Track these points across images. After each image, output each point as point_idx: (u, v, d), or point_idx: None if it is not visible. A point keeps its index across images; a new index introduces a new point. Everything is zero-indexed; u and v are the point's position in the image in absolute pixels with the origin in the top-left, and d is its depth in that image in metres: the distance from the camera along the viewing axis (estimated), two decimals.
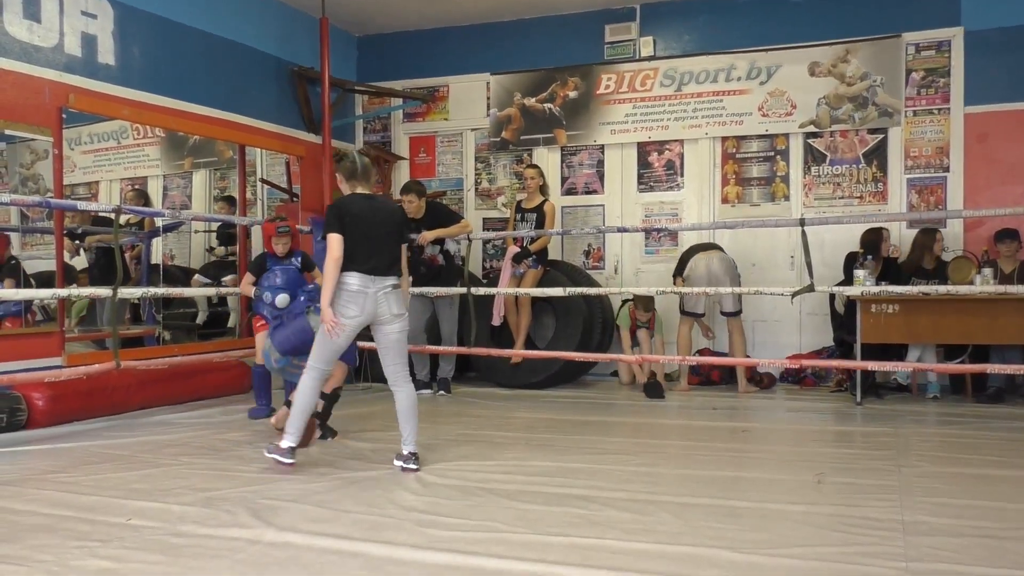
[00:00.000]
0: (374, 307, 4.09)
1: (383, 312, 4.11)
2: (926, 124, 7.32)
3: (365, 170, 4.29)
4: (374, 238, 4.12)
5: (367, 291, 4.06)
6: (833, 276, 6.86)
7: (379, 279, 4.09)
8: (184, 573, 2.72)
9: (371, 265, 4.08)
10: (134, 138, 7.73)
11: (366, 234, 4.09)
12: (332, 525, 3.20)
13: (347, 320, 4.06)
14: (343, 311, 4.06)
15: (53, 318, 5.95)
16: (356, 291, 4.05)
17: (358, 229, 4.08)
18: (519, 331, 7.24)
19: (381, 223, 4.18)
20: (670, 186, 8.09)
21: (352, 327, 4.10)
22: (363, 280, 4.05)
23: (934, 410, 6.10)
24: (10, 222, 6.10)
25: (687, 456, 4.49)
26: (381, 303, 4.10)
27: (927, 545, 2.91)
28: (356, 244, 4.06)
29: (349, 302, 4.06)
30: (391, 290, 4.14)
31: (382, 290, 4.10)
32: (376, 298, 4.08)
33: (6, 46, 5.54)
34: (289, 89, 8.14)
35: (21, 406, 5.21)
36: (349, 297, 4.05)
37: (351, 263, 4.06)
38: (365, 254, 4.07)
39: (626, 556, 2.83)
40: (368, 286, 4.06)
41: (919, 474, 4.01)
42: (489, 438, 5.01)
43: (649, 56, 8.03)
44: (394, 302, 4.15)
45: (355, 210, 4.14)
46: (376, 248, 4.11)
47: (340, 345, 4.16)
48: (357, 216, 4.11)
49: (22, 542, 3.02)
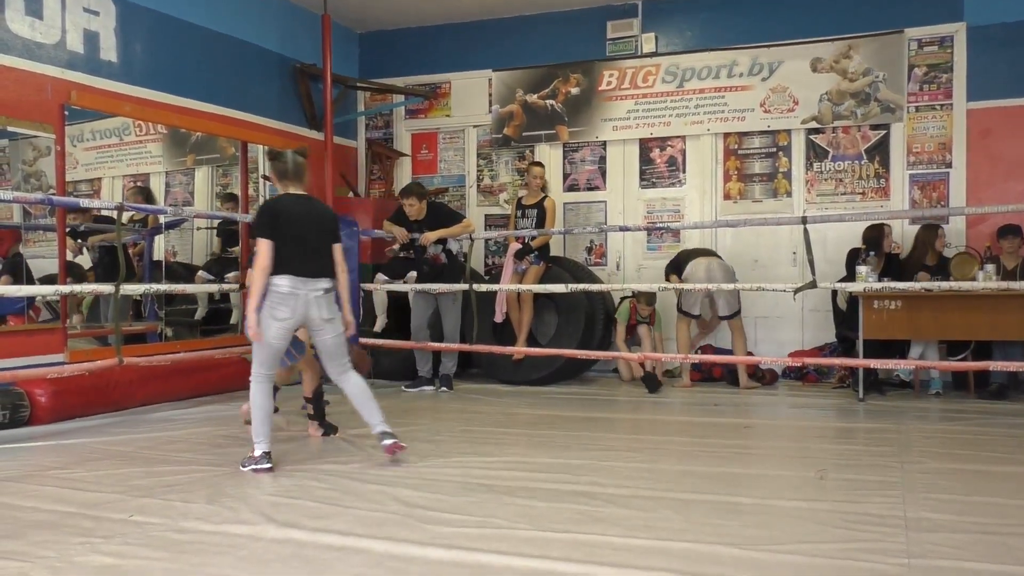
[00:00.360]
0: (305, 309, 4.05)
1: (314, 316, 4.08)
2: (928, 120, 7.31)
3: (298, 170, 4.21)
4: (306, 241, 4.07)
5: (297, 293, 4.02)
6: (835, 272, 6.85)
7: (310, 281, 4.06)
8: (186, 569, 2.72)
9: (302, 268, 4.03)
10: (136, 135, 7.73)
11: (298, 237, 4.05)
12: (334, 521, 3.21)
13: (278, 322, 4.01)
14: (274, 312, 4.01)
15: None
16: (287, 293, 4.01)
17: (289, 232, 4.03)
18: (521, 328, 7.25)
19: (313, 226, 4.14)
20: (672, 182, 8.08)
21: (284, 328, 4.06)
22: (294, 282, 4.01)
23: (937, 406, 6.10)
24: (13, 219, 6.11)
25: (689, 452, 4.49)
26: (312, 306, 4.06)
27: (929, 541, 2.91)
28: (287, 247, 4.01)
29: (280, 304, 4.01)
30: (323, 294, 4.10)
31: (313, 293, 4.06)
32: (307, 301, 4.04)
33: (8, 43, 5.54)
34: (291, 86, 8.14)
35: (24, 402, 5.22)
36: (280, 299, 4.01)
37: (282, 266, 4.01)
38: (296, 257, 4.03)
39: (628, 552, 2.83)
40: (299, 288, 4.02)
41: (922, 470, 4.01)
42: (491, 434, 5.01)
43: (651, 52, 8.01)
44: (325, 306, 4.11)
45: (287, 212, 4.08)
46: (308, 251, 4.07)
47: (277, 348, 4.11)
48: (289, 218, 4.06)
49: (25, 538, 3.03)
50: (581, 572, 2.66)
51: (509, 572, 2.67)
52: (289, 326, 4.08)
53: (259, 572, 2.70)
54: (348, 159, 8.91)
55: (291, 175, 4.20)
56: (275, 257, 4.00)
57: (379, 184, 8.97)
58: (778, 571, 2.67)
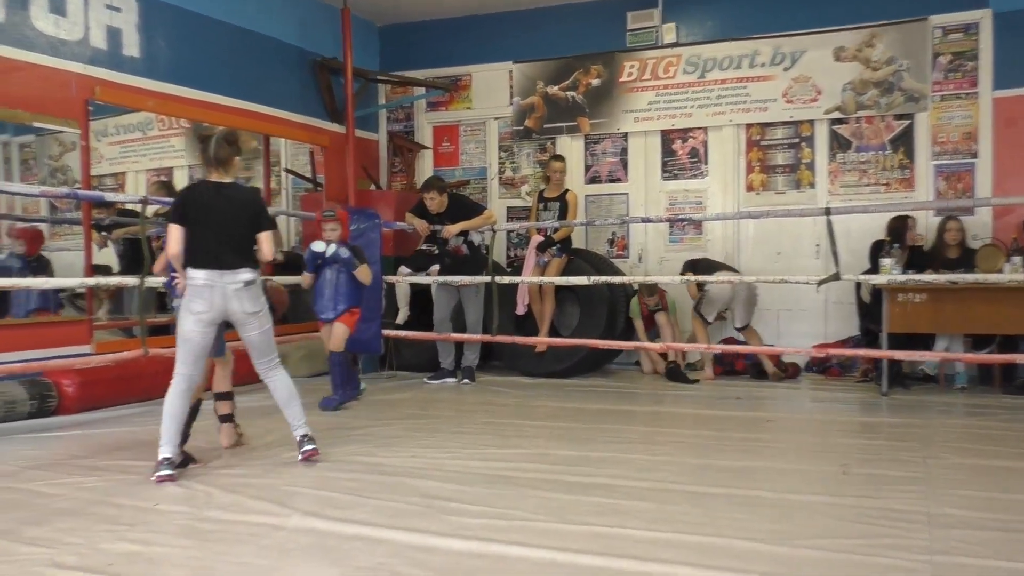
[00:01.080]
0: (223, 302, 3.83)
1: (235, 309, 3.86)
2: (954, 109, 7.21)
3: (219, 155, 3.93)
4: (220, 232, 3.84)
5: (214, 285, 3.81)
6: (859, 264, 6.79)
7: (228, 273, 3.83)
8: (210, 557, 2.76)
9: (217, 260, 3.82)
10: (159, 129, 7.79)
11: (211, 227, 3.83)
12: (356, 511, 3.23)
13: (194, 315, 3.81)
14: (190, 306, 3.82)
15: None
16: (202, 285, 3.81)
17: (202, 221, 3.83)
18: (543, 319, 7.25)
19: (230, 215, 3.89)
20: (694, 174, 8.04)
21: (202, 322, 3.83)
22: (209, 275, 3.81)
23: (961, 401, 6.03)
24: (39, 213, 6.18)
25: (710, 446, 4.48)
26: (231, 299, 3.84)
27: (953, 538, 2.89)
28: (200, 238, 3.82)
29: (195, 296, 3.81)
30: (242, 287, 3.86)
31: (232, 286, 3.83)
32: (225, 294, 3.83)
33: (33, 40, 5.60)
34: (312, 79, 8.17)
35: (51, 392, 5.30)
36: (195, 291, 3.81)
37: (195, 258, 3.82)
38: (211, 249, 3.82)
39: (648, 545, 2.83)
40: (215, 281, 3.81)
41: (945, 466, 3.97)
42: (513, 426, 5.02)
43: (672, 43, 7.97)
44: (247, 299, 3.88)
45: (199, 201, 3.89)
46: (223, 242, 3.84)
47: (200, 344, 3.86)
48: (201, 207, 3.86)
49: (52, 525, 3.08)
50: (601, 564, 2.66)
51: (529, 564, 2.68)
52: (207, 319, 3.84)
53: (281, 561, 2.73)
54: (369, 152, 8.94)
55: (212, 161, 3.93)
56: (189, 248, 3.82)
57: (401, 177, 8.99)
58: (798, 566, 2.65)
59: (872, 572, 2.59)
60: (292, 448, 4.30)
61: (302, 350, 7.24)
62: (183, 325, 3.85)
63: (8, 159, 6.02)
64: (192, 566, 2.68)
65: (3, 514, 3.24)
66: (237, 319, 3.92)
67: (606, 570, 2.62)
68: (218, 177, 3.96)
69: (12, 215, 6.07)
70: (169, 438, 3.78)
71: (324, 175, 8.31)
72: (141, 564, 2.70)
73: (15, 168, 6.04)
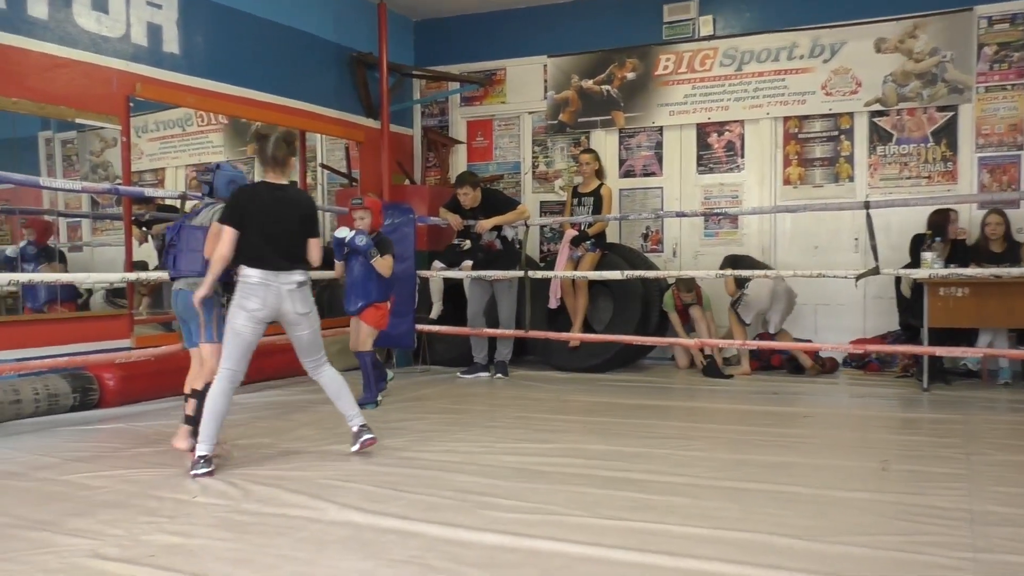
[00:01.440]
0: (277, 302, 3.85)
1: (288, 309, 3.88)
2: (999, 100, 7.06)
3: (277, 156, 3.93)
4: (278, 234, 3.86)
5: (269, 284, 3.83)
6: (899, 259, 6.68)
7: (283, 274, 3.85)
8: (249, 549, 2.79)
9: (273, 262, 3.84)
10: (198, 125, 7.90)
11: (269, 229, 3.84)
12: (391, 505, 3.25)
13: (246, 312, 3.82)
14: (243, 303, 3.83)
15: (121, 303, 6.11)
16: (257, 283, 3.83)
17: (259, 223, 3.83)
18: (576, 314, 7.23)
19: (286, 218, 3.90)
20: (730, 168, 7.96)
21: (254, 320, 3.84)
22: (265, 275, 3.83)
23: (1005, 397, 5.92)
24: (81, 208, 6.29)
25: (747, 441, 4.44)
26: (285, 299, 3.86)
27: (996, 535, 2.83)
28: (257, 239, 3.83)
29: (250, 295, 3.82)
30: (296, 287, 3.89)
31: (286, 286, 3.86)
32: (280, 293, 3.85)
33: (76, 37, 5.70)
34: (348, 74, 8.22)
35: (93, 386, 5.40)
36: (250, 290, 3.82)
37: (251, 258, 3.84)
38: (267, 250, 3.83)
39: (684, 541, 2.81)
40: (270, 280, 3.84)
41: (989, 462, 3.90)
42: (546, 421, 5.02)
43: (709, 35, 7.89)
44: (299, 300, 3.91)
45: (257, 202, 3.89)
46: (279, 244, 3.86)
47: (250, 341, 3.88)
48: (260, 209, 3.86)
49: (95, 516, 3.14)
50: (635, 560, 2.65)
51: (563, 558, 2.68)
52: (260, 317, 3.86)
53: (318, 553, 2.75)
54: (404, 147, 8.97)
55: (270, 161, 3.94)
56: (244, 248, 3.83)
57: (435, 172, 9.01)
58: (837, 563, 2.62)
59: (913, 569, 2.55)
60: (326, 441, 4.35)
61: (336, 345, 7.29)
62: (235, 321, 3.86)
63: (51, 155, 6.14)
64: (231, 558, 2.72)
65: (47, 505, 3.30)
66: (289, 319, 3.94)
67: (640, 565, 2.61)
68: (274, 178, 3.97)
69: (55, 210, 6.19)
70: (209, 436, 3.80)
71: (359, 170, 8.36)
72: (182, 556, 2.74)
73: (58, 164, 6.16)
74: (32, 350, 5.24)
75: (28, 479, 3.72)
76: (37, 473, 3.82)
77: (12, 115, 5.35)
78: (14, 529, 2.99)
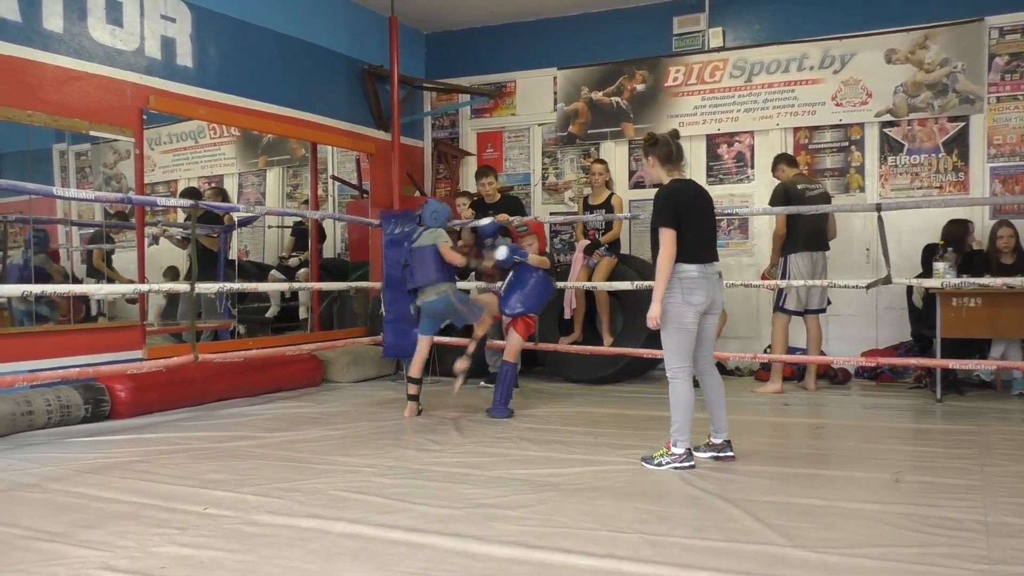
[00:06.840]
0: (712, 293, 3.97)
1: (718, 300, 4.03)
2: (1011, 111, 7.03)
3: (680, 153, 4.14)
4: (702, 225, 4.02)
5: (708, 275, 3.96)
6: (911, 268, 6.65)
7: (711, 266, 4.00)
8: (258, 561, 2.79)
9: (704, 254, 3.98)
10: (211, 137, 7.96)
11: (695, 221, 3.97)
12: (401, 517, 3.24)
13: (693, 307, 3.92)
14: (689, 298, 3.92)
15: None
16: (698, 276, 3.93)
17: (690, 217, 3.95)
18: (603, 320, 7.20)
19: (705, 208, 4.08)
20: (740, 178, 7.95)
21: (697, 314, 3.95)
22: (701, 268, 3.94)
23: (1019, 407, 5.86)
24: (95, 219, 6.33)
25: (758, 452, 4.41)
26: (717, 289, 4.01)
27: (1012, 547, 2.81)
28: (690, 232, 3.93)
29: (695, 289, 3.92)
30: (719, 278, 4.06)
31: (715, 276, 4.01)
32: (712, 283, 3.98)
33: (90, 50, 5.75)
34: (359, 87, 8.27)
35: (105, 397, 5.42)
36: (694, 284, 3.92)
37: (687, 253, 3.93)
38: (699, 243, 3.97)
39: (696, 553, 2.79)
40: (707, 272, 3.96)
41: (1003, 473, 3.86)
42: (557, 432, 5.00)
43: (718, 47, 7.90)
44: (719, 290, 4.06)
45: (685, 198, 4.01)
46: (705, 235, 4.02)
47: (695, 334, 3.98)
48: (687, 204, 3.98)
49: (106, 528, 3.14)
50: (647, 572, 2.63)
51: (573, 570, 2.67)
52: (702, 310, 3.97)
53: (328, 565, 2.75)
54: (414, 158, 9.00)
55: (675, 159, 4.10)
56: (680, 244, 3.91)
57: (445, 183, 9.04)
58: (851, 574, 2.60)
59: None
60: (336, 453, 4.33)
61: (348, 355, 7.31)
62: (683, 319, 3.94)
63: (65, 167, 6.19)
64: (241, 570, 2.71)
65: (57, 517, 3.31)
66: (715, 309, 4.06)
67: None
68: (678, 174, 4.13)
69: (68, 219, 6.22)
70: (682, 430, 3.98)
71: (370, 182, 8.39)
72: (192, 567, 2.74)
73: (72, 176, 6.20)
74: (44, 361, 5.27)
75: (40, 490, 3.73)
76: (49, 484, 3.83)
77: (27, 127, 5.40)
78: (26, 540, 3.00)
